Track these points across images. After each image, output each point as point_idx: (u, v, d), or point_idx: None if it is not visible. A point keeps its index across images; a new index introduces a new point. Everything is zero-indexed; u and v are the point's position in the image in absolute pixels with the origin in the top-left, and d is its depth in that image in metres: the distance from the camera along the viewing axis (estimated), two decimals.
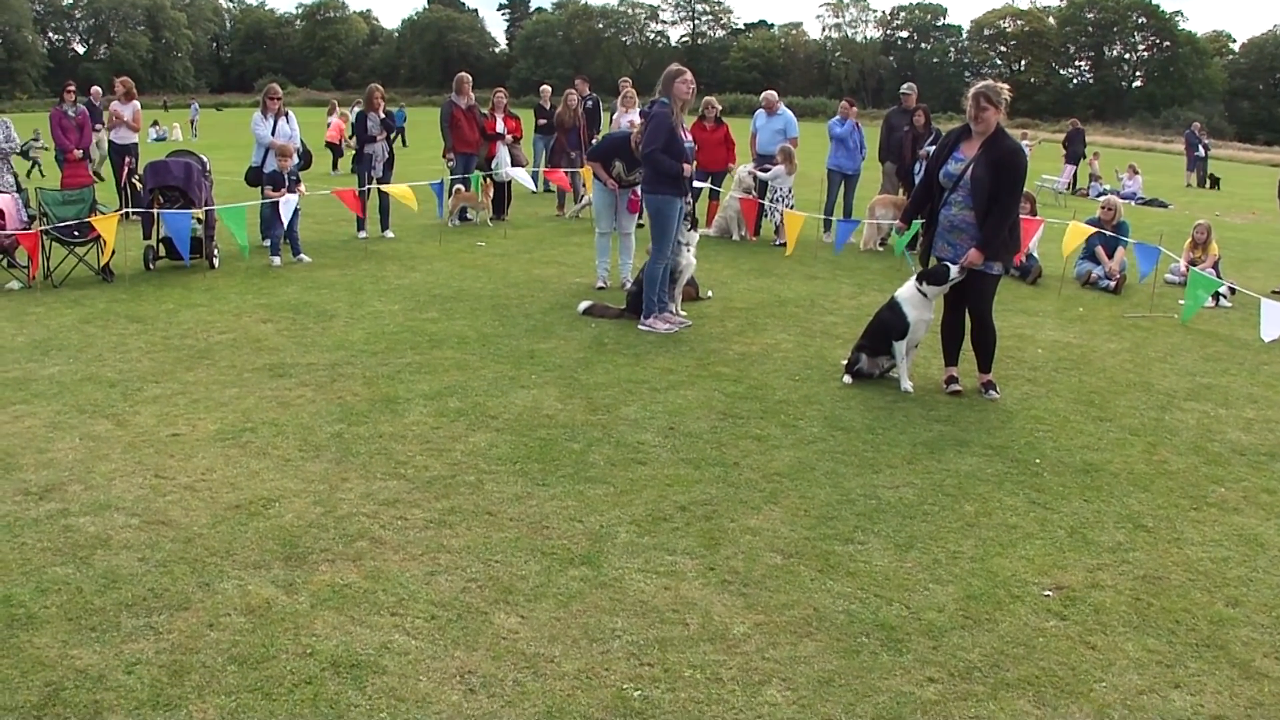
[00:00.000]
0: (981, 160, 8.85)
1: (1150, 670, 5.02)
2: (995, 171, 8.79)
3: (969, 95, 8.98)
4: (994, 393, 9.31)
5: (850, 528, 6.42)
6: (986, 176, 8.79)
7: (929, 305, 9.39)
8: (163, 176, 13.90)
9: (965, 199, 8.98)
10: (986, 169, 8.80)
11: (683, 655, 4.95)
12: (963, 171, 8.96)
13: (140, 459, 7.17)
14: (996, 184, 8.80)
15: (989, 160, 8.81)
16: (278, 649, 4.88)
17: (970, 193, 8.92)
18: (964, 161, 8.98)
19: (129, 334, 10.45)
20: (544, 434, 7.88)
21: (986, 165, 8.81)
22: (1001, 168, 8.80)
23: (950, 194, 9.09)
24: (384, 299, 12.37)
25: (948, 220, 9.16)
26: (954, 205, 9.08)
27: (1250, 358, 11.25)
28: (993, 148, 8.87)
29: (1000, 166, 8.79)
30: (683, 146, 11.25)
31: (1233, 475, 7.68)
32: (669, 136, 11.02)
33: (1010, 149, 8.94)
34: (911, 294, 9.38)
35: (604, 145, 13.72)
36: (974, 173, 8.87)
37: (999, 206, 8.84)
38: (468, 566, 5.75)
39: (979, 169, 8.84)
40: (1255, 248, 20.82)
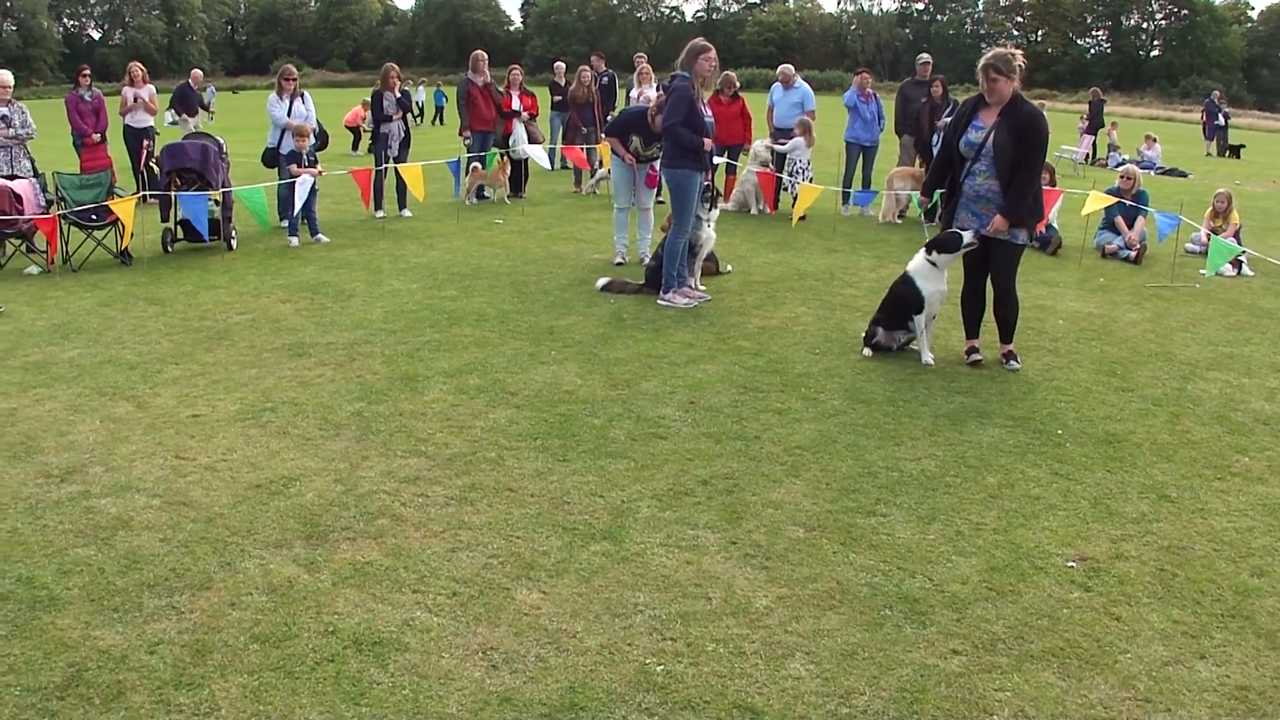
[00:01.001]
0: (1002, 127, 8.77)
1: (1175, 641, 4.99)
2: (1017, 137, 8.71)
3: (979, 68, 8.89)
4: (1014, 363, 9.24)
5: (872, 500, 6.40)
6: (1009, 143, 8.71)
7: (941, 276, 9.32)
8: (180, 159, 13.91)
9: (989, 168, 8.89)
10: (1009, 135, 8.72)
11: (705, 629, 4.94)
12: (984, 140, 8.87)
13: (161, 440, 7.18)
14: (1019, 150, 8.72)
15: (1010, 126, 8.73)
16: (300, 627, 4.88)
17: (993, 161, 8.83)
18: (984, 129, 8.88)
19: (148, 316, 10.46)
20: (564, 410, 7.87)
21: (1008, 131, 8.72)
22: (1023, 133, 8.72)
23: (973, 164, 8.98)
24: (402, 278, 12.36)
25: (972, 190, 9.05)
26: (978, 175, 8.98)
27: (1273, 326, 11.18)
28: (1012, 114, 8.78)
29: (1022, 132, 8.72)
30: (703, 120, 11.12)
31: (1256, 445, 7.64)
32: (689, 110, 10.93)
33: (1031, 113, 8.86)
34: (922, 266, 9.32)
35: (621, 120, 13.62)
36: (996, 140, 8.78)
37: (1023, 173, 8.77)
38: (489, 543, 5.75)
39: (1000, 136, 8.75)
40: (1276, 216, 20.68)
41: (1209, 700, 4.54)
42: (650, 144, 12.88)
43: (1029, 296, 11.59)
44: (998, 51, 8.91)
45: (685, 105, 10.93)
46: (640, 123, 12.93)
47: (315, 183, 14.49)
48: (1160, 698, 4.54)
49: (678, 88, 11.04)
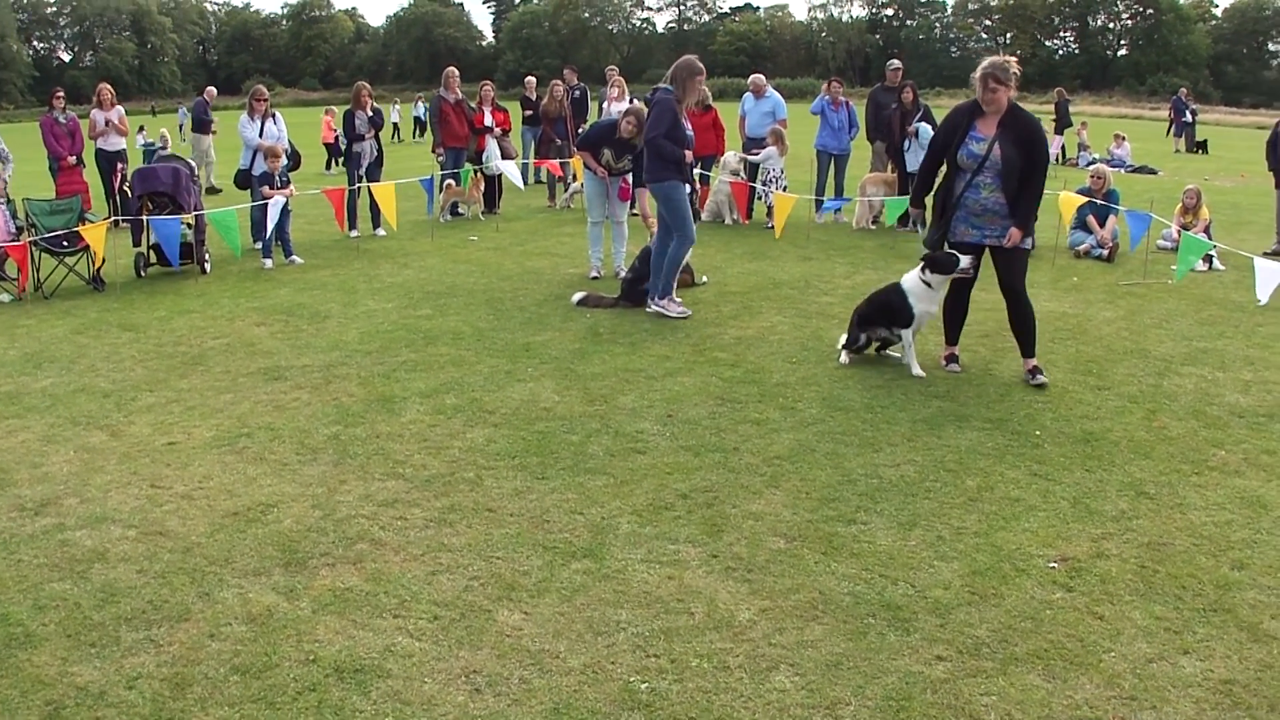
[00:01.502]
0: (1006, 138, 8.59)
1: (1159, 637, 5.00)
2: (1024, 148, 8.57)
3: (977, 77, 8.66)
4: (1041, 376, 8.93)
5: (852, 508, 6.40)
6: (1016, 154, 8.56)
7: (935, 297, 9.12)
8: (151, 183, 13.86)
9: (994, 180, 8.70)
10: (1015, 146, 8.57)
11: (689, 645, 4.92)
12: (987, 151, 8.66)
13: (136, 469, 7.13)
14: (1027, 161, 8.59)
15: (1015, 138, 8.58)
16: (280, 656, 4.85)
17: (999, 173, 8.64)
18: (985, 140, 8.67)
19: (122, 343, 10.41)
20: (542, 427, 7.85)
21: (1014, 143, 8.57)
22: (1030, 144, 8.61)
23: (975, 176, 8.75)
24: (377, 297, 12.34)
25: (976, 204, 8.82)
26: (982, 188, 8.77)
27: (1245, 320, 11.23)
28: (1015, 124, 8.64)
29: (1029, 142, 8.60)
30: (684, 133, 11.28)
31: (1233, 438, 7.66)
32: (671, 123, 11.04)
33: (1033, 123, 8.74)
34: (916, 285, 9.11)
35: (591, 133, 13.64)
36: (1002, 153, 8.59)
37: (1032, 182, 8.66)
38: (469, 565, 5.72)
39: (1006, 148, 8.58)
40: (1245, 210, 20.78)
41: (1194, 695, 4.54)
42: (621, 156, 12.91)
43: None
44: (995, 60, 8.73)
45: (669, 118, 11.04)
46: (610, 136, 12.92)
47: (288, 204, 14.46)
48: (1145, 695, 4.54)
49: (661, 100, 11.11)
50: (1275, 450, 7.42)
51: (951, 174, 9.00)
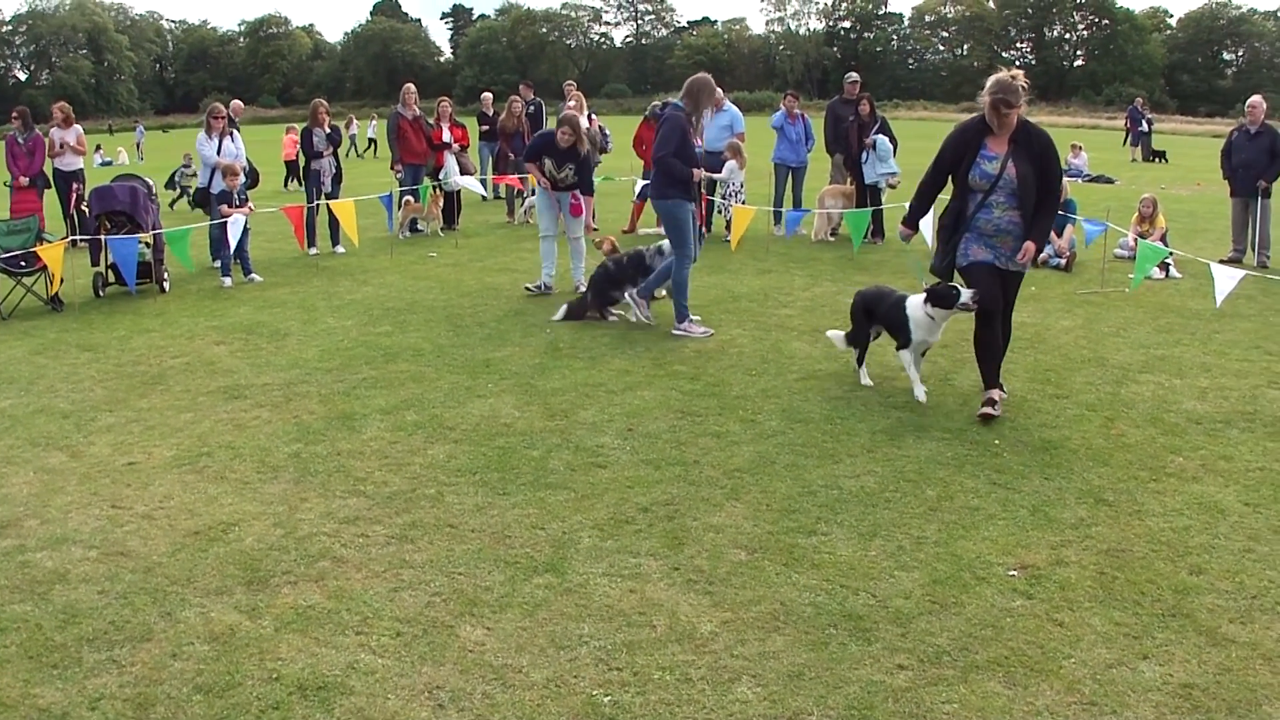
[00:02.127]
0: (1020, 156, 8.22)
1: (1118, 643, 5.04)
2: (1040, 164, 8.23)
3: (986, 103, 8.21)
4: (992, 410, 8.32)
5: (813, 519, 6.42)
6: (1031, 171, 8.20)
7: (935, 329, 8.70)
8: (108, 202, 13.79)
9: (1009, 199, 8.28)
10: (1029, 163, 8.20)
11: (651, 658, 4.93)
12: (1000, 170, 8.25)
13: (96, 490, 7.09)
14: (1043, 178, 8.25)
15: (1029, 154, 8.23)
16: (243, 675, 4.83)
17: (1013, 192, 8.23)
18: (998, 159, 8.26)
19: (81, 363, 10.35)
20: (502, 443, 7.85)
21: (1028, 159, 8.21)
22: (1043, 159, 8.25)
23: (989, 195, 8.31)
24: (337, 315, 12.31)
25: (990, 225, 8.35)
26: (996, 208, 8.32)
27: (1202, 327, 11.33)
28: (1028, 140, 8.26)
29: (1042, 158, 8.25)
30: (694, 151, 11.19)
31: (1190, 444, 7.72)
32: (681, 140, 10.94)
33: (1046, 138, 8.37)
34: (918, 312, 8.65)
35: (533, 145, 13.60)
36: (1018, 171, 8.20)
37: (1049, 199, 8.32)
38: (431, 581, 5.72)
39: (1021, 166, 8.20)
40: (1202, 218, 20.96)
41: (1154, 700, 4.58)
42: (562, 165, 12.89)
43: None
44: (1001, 80, 8.23)
45: (678, 136, 10.93)
46: (550, 145, 12.94)
47: (247, 222, 14.41)
48: (1105, 700, 4.57)
49: (671, 117, 11.02)
50: (1232, 456, 7.48)
51: (961, 195, 8.56)
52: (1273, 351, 10.27)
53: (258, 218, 15.94)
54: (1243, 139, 16.21)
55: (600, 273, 12.03)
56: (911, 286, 9.17)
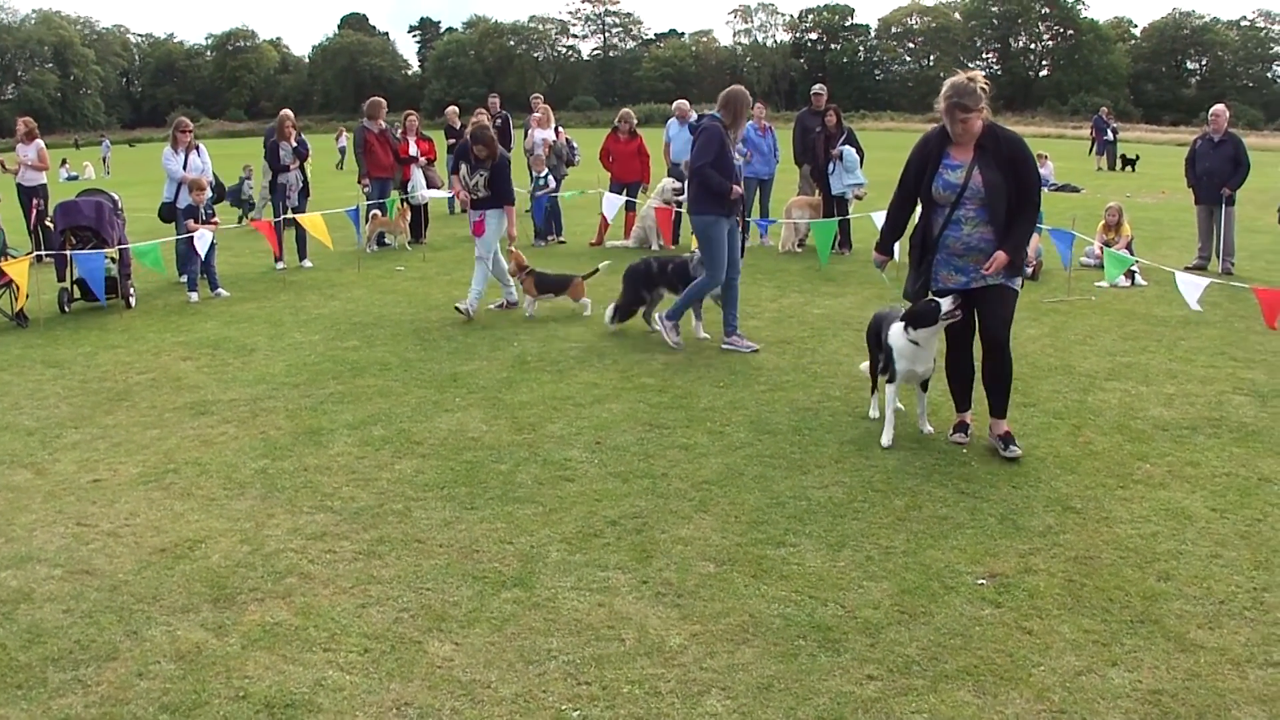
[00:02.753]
0: (987, 162, 7.51)
1: (1087, 650, 5.05)
2: (1010, 169, 7.49)
3: (942, 109, 7.60)
4: (1015, 448, 7.70)
5: (781, 531, 6.42)
6: (1001, 178, 7.48)
7: (923, 354, 7.91)
8: (74, 217, 13.71)
9: (978, 213, 7.57)
10: (997, 169, 7.49)
11: (620, 671, 4.92)
12: (965, 179, 7.58)
13: (61, 508, 7.04)
14: (1017, 184, 7.50)
15: (997, 159, 7.51)
16: (210, 694, 4.80)
17: (984, 204, 7.52)
18: (962, 167, 7.60)
19: (46, 379, 10.28)
20: (470, 457, 7.83)
21: (996, 165, 7.49)
22: (1014, 163, 7.51)
23: (955, 210, 7.63)
24: (304, 330, 12.26)
25: (959, 243, 7.67)
26: (965, 223, 7.61)
27: (1168, 334, 11.39)
28: (995, 144, 7.54)
29: (1012, 162, 7.50)
30: (732, 165, 10.80)
31: (1157, 451, 7.76)
32: (718, 152, 10.60)
33: (1015, 139, 7.66)
34: (901, 342, 7.90)
35: (455, 154, 13.50)
36: (984, 179, 7.51)
37: (1027, 208, 7.55)
38: (399, 596, 5.69)
39: (988, 173, 7.50)
40: (1167, 226, 21.10)
41: (1123, 706, 4.59)
42: (473, 172, 12.69)
43: None
44: (956, 83, 7.58)
45: (715, 147, 10.59)
46: (466, 153, 12.82)
47: (213, 237, 14.35)
48: (1075, 708, 4.58)
49: (708, 127, 10.72)
50: (1199, 462, 7.52)
51: (927, 212, 7.91)
52: (1238, 358, 10.32)
53: (225, 233, 15.88)
54: (1206, 147, 16.33)
55: (640, 269, 11.82)
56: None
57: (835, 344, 10.93)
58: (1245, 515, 6.60)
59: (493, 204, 12.77)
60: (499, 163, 12.72)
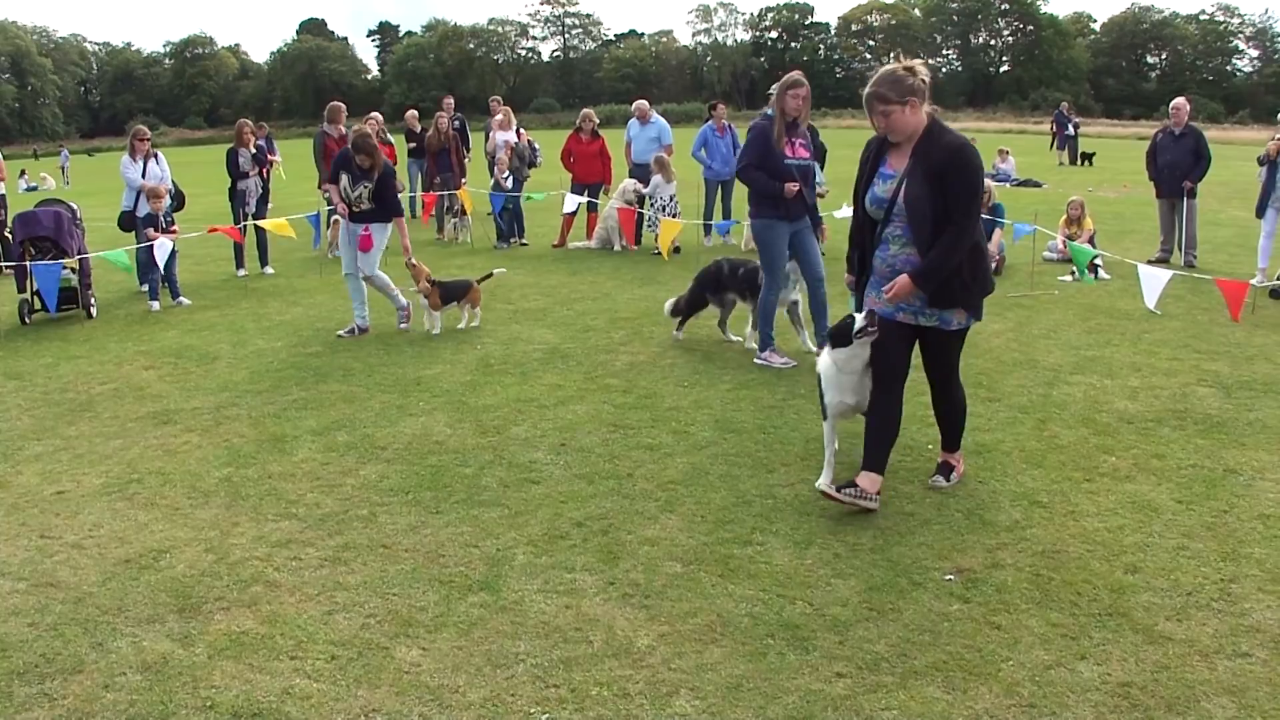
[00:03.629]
0: (915, 172, 6.45)
1: (1056, 644, 5.05)
2: (936, 182, 6.39)
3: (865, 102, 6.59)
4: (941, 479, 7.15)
5: (748, 529, 6.41)
6: (926, 192, 6.42)
7: (847, 382, 6.98)
8: (32, 227, 13.62)
9: (905, 232, 6.57)
10: (925, 182, 6.41)
11: (588, 674, 4.90)
12: (894, 192, 6.59)
13: (25, 520, 6.98)
14: (945, 199, 6.37)
15: (924, 170, 6.44)
16: (177, 704, 4.76)
17: (908, 221, 6.53)
18: (894, 178, 6.60)
19: (6, 391, 10.20)
20: (434, 461, 7.80)
21: (922, 177, 6.42)
22: (944, 175, 6.39)
23: (884, 228, 6.71)
24: (266, 336, 12.20)
25: (885, 265, 6.73)
26: (891, 243, 6.67)
27: (1131, 327, 11.44)
28: (927, 150, 6.45)
29: (942, 174, 6.39)
30: (781, 163, 9.75)
31: (1122, 444, 7.78)
32: (760, 151, 9.82)
33: (953, 147, 6.46)
34: (826, 367, 7.13)
35: (334, 163, 12.60)
36: (907, 193, 6.51)
37: (951, 229, 6.39)
38: (365, 602, 5.66)
39: (914, 186, 6.47)
40: (1129, 219, 21.21)
41: (1092, 700, 4.60)
42: (356, 183, 12.00)
43: None
44: (882, 72, 6.57)
45: (756, 146, 9.87)
46: (348, 162, 12.10)
47: (174, 245, 14.26)
48: (1044, 702, 4.59)
49: (753, 126, 10.13)
50: (1164, 454, 7.55)
51: (858, 228, 7.04)
52: (1201, 350, 10.37)
53: (186, 241, 15.79)
54: (1167, 140, 16.44)
55: (710, 271, 11.25)
56: None
57: (799, 341, 10.92)
58: (1211, 507, 6.63)
59: (379, 217, 12.20)
60: (384, 173, 12.12)
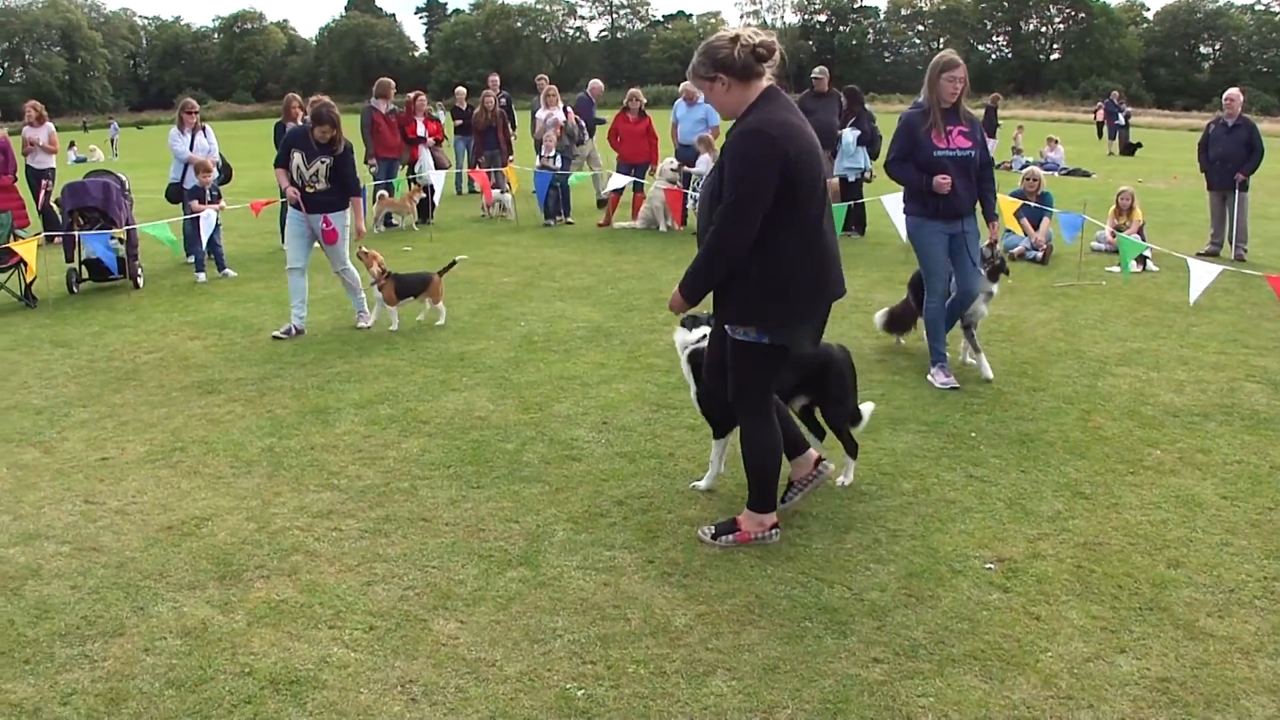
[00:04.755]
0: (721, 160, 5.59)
1: (1095, 637, 5.02)
2: (720, 172, 5.56)
3: None
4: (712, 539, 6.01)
5: (788, 512, 6.38)
6: (711, 184, 5.70)
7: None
8: (81, 198, 13.74)
9: None
10: (716, 171, 5.65)
11: (625, 651, 4.91)
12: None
13: (69, 485, 7.04)
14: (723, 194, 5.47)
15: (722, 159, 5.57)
16: (215, 670, 4.79)
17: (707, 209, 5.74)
18: None
19: (54, 359, 10.28)
20: (476, 436, 7.81)
21: (719, 167, 5.60)
22: (724, 165, 5.52)
23: None
24: (311, 309, 12.18)
25: None
26: None
27: (1179, 320, 11.33)
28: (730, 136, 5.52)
29: (724, 163, 5.52)
30: (931, 154, 8.72)
31: (1167, 437, 7.72)
32: (904, 144, 8.89)
33: (740, 129, 5.48)
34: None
35: (285, 141, 11.28)
36: (706, 181, 5.93)
37: (713, 228, 5.50)
38: (404, 574, 5.68)
39: (710, 176, 5.77)
40: (1179, 211, 21.00)
41: (1131, 694, 4.56)
42: (311, 161, 10.79)
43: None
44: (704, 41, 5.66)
45: (900, 139, 8.94)
46: (302, 138, 10.92)
47: (219, 217, 14.33)
48: (1082, 694, 4.56)
49: (902, 116, 9.18)
50: (1209, 449, 7.48)
51: None
52: (1250, 345, 10.27)
53: (231, 214, 15.87)
54: (1220, 132, 16.25)
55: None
56: None
57: (844, 325, 10.88)
58: (1256, 503, 6.56)
59: (337, 203, 11.02)
60: (344, 151, 10.94)
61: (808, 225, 5.56)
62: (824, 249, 5.67)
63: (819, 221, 5.63)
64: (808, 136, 5.56)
